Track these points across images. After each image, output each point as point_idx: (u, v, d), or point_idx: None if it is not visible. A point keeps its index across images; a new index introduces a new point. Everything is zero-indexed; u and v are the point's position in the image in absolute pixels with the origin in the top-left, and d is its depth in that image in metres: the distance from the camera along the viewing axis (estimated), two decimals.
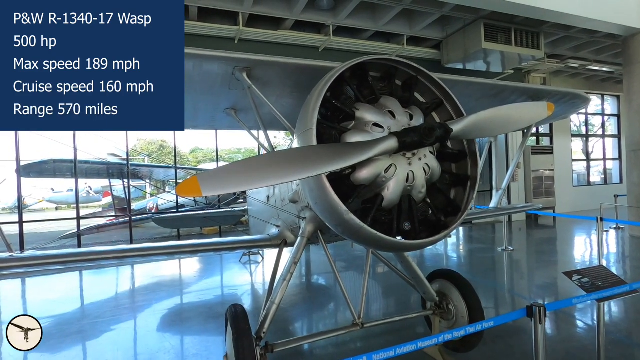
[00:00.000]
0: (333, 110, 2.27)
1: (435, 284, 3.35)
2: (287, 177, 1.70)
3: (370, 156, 1.89)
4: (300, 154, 1.79)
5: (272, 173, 1.66)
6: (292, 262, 2.74)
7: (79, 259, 2.78)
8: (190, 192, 1.51)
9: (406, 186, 2.15)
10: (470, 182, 2.48)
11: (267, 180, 1.64)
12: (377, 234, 1.99)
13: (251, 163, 1.69)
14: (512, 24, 8.01)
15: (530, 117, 2.56)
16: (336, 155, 1.83)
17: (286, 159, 1.73)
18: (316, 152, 1.82)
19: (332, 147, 1.94)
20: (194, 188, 1.49)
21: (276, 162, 1.71)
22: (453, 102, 2.53)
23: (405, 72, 2.55)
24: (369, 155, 1.88)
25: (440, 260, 7.52)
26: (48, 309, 5.00)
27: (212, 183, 1.54)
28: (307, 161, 1.74)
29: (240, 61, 2.84)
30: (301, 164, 1.72)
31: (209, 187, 1.53)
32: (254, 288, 6.09)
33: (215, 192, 1.57)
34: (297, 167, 1.71)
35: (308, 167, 1.73)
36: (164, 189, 16.53)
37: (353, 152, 1.87)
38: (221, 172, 1.60)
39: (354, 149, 1.89)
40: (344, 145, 2.04)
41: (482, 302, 3.09)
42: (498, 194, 4.80)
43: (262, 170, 1.65)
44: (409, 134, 2.00)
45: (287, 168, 1.69)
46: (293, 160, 1.73)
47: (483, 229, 10.47)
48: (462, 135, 2.22)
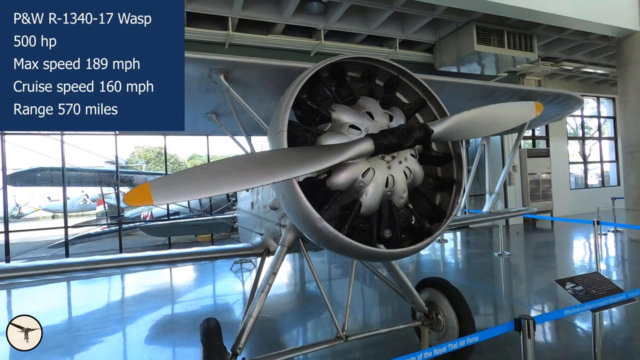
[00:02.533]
0: (309, 112, 2.16)
1: (424, 293, 3.22)
2: (252, 183, 1.57)
3: (343, 160, 1.77)
4: (267, 158, 1.67)
5: (235, 178, 1.53)
6: (270, 273, 2.61)
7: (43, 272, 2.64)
8: (140, 200, 1.38)
9: (386, 191, 2.03)
10: (455, 187, 2.36)
11: (229, 186, 1.51)
12: (352, 243, 1.87)
13: (212, 168, 1.56)
14: (504, 27, 7.96)
15: (518, 117, 2.44)
16: (306, 158, 1.71)
17: (251, 163, 1.60)
18: (284, 156, 1.70)
19: (302, 150, 1.82)
20: (144, 196, 1.37)
21: (240, 166, 1.58)
22: (437, 103, 2.43)
23: (386, 72, 2.44)
24: (341, 158, 1.76)
25: (436, 266, 7.38)
26: None
27: (166, 190, 1.41)
28: (274, 165, 1.62)
29: (216, 63, 2.73)
30: (267, 168, 1.60)
31: (163, 194, 1.40)
32: (244, 297, 5.93)
33: (169, 200, 1.44)
34: (263, 171, 1.58)
35: (275, 172, 1.60)
36: None
37: (325, 155, 1.74)
38: (177, 178, 1.47)
39: (326, 152, 1.77)
40: (315, 148, 1.92)
41: (476, 309, 2.95)
42: (491, 198, 4.68)
43: (224, 176, 1.53)
44: (386, 136, 1.88)
45: (251, 173, 1.57)
46: (259, 164, 1.61)
47: (480, 233, 10.33)
48: (444, 136, 2.11)
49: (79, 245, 11.98)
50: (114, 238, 11.87)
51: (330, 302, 2.75)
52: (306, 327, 4.44)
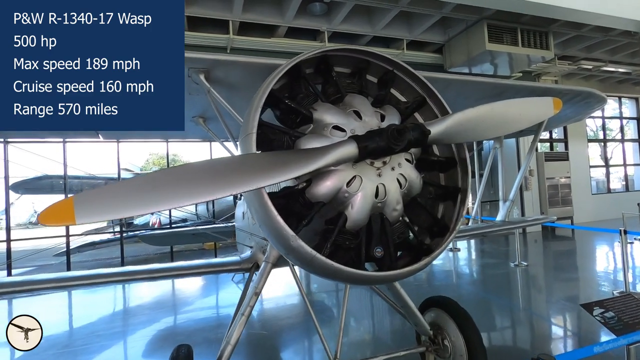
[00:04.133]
0: (288, 112, 1.88)
1: (429, 314, 2.87)
2: (205, 195, 1.30)
3: (320, 167, 1.48)
4: (227, 165, 1.40)
5: (183, 190, 1.26)
6: (252, 293, 2.33)
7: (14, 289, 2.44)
8: (59, 218, 1.12)
9: (376, 202, 1.73)
10: (460, 196, 2.04)
11: (174, 199, 1.25)
12: (333, 265, 1.57)
13: (154, 179, 1.30)
14: (517, 24, 7.57)
15: (533, 115, 2.11)
16: (274, 165, 1.43)
17: (205, 172, 1.33)
18: (248, 163, 1.43)
19: (270, 156, 1.54)
20: (64, 213, 1.11)
21: (190, 176, 1.32)
22: (438, 101, 2.12)
23: (379, 66, 2.15)
24: (317, 165, 1.48)
25: (448, 276, 6.97)
26: None
27: (94, 206, 1.16)
28: (235, 174, 1.35)
29: (194, 61, 2.51)
30: (226, 177, 1.33)
31: (89, 211, 1.14)
32: None
33: (97, 218, 1.18)
34: (220, 182, 1.31)
35: (235, 182, 1.33)
36: None
37: (297, 161, 1.46)
38: (108, 191, 1.22)
39: (299, 158, 1.49)
40: (286, 153, 1.64)
41: (489, 332, 2.59)
42: (505, 206, 4.31)
43: (169, 188, 1.26)
44: (372, 138, 1.59)
45: (205, 184, 1.30)
46: (215, 173, 1.34)
47: (495, 241, 9.81)
48: (444, 138, 1.80)
49: (88, 252, 11.95)
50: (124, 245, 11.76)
51: (328, 320, 2.44)
52: (303, 348, 4.12)
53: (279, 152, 1.66)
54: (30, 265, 12.14)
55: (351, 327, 4.29)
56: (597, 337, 3.52)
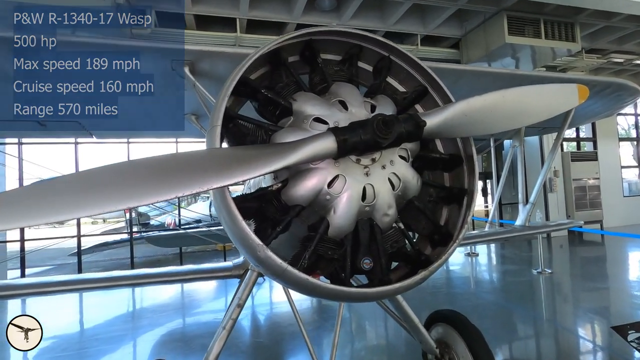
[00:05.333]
0: (266, 104, 1.66)
1: (436, 330, 2.59)
2: (147, 197, 1.09)
3: (288, 164, 1.25)
4: (174, 163, 1.18)
5: (121, 191, 1.06)
6: (235, 306, 2.11)
7: None
8: None
9: (363, 206, 1.49)
10: (467, 199, 1.76)
11: (110, 201, 1.04)
12: (307, 280, 1.34)
13: (87, 177, 1.10)
14: (540, 14, 7.10)
15: (553, 104, 1.80)
16: (235, 162, 1.21)
17: (147, 170, 1.13)
18: (200, 160, 1.21)
19: (230, 152, 1.33)
20: None
21: (131, 174, 1.11)
22: (442, 92, 1.85)
23: (374, 52, 1.91)
24: (286, 162, 1.25)
25: (465, 284, 6.59)
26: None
27: (11, 211, 0.97)
28: (183, 173, 1.14)
29: (176, 53, 2.34)
30: (172, 176, 1.12)
31: (5, 217, 0.96)
32: (250, 315, 5.47)
33: (10, 225, 0.99)
34: (165, 181, 1.11)
35: (184, 182, 1.12)
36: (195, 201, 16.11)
37: (262, 158, 1.24)
38: (30, 192, 1.02)
39: (266, 154, 1.27)
40: (250, 148, 1.42)
41: (509, 340, 2.27)
42: (526, 209, 3.94)
43: (105, 188, 1.06)
44: (354, 130, 1.35)
45: (145, 183, 1.09)
46: (159, 171, 1.13)
47: (516, 246, 9.28)
48: (445, 131, 1.54)
49: (106, 252, 12.11)
50: (138, 245, 11.86)
51: (331, 328, 2.19)
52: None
53: (241, 148, 1.44)
54: (49, 265, 12.47)
55: (350, 340, 4.03)
56: (631, 357, 3.13)
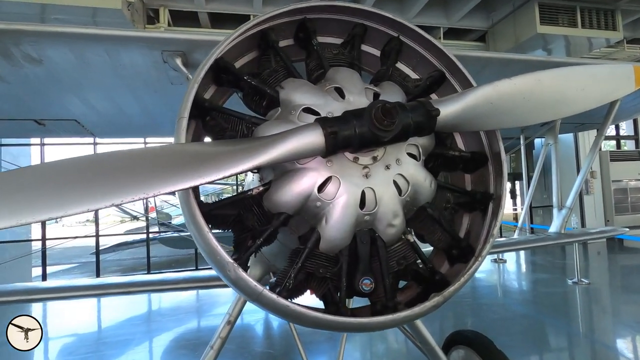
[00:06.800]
0: (251, 93, 1.42)
1: (457, 352, 2.27)
2: (77, 205, 0.86)
3: (261, 163, 1.00)
4: (120, 160, 0.95)
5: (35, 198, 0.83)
6: (225, 323, 1.88)
7: None
8: None
9: (361, 215, 1.22)
10: (492, 206, 1.46)
11: (30, 211, 0.82)
12: (287, 307, 1.08)
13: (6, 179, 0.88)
14: (576, 1, 6.54)
15: (602, 90, 1.46)
16: (191, 162, 0.98)
17: (75, 170, 0.90)
18: (156, 157, 0.98)
19: (190, 149, 1.08)
20: None
21: (61, 174, 0.89)
22: (462, 77, 1.55)
23: (382, 32, 1.63)
24: (258, 161, 0.99)
25: (492, 293, 6.13)
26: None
27: None
28: (126, 173, 0.91)
29: (168, 43, 2.16)
30: (109, 178, 0.89)
31: None
32: (263, 321, 5.26)
33: None
34: (98, 184, 0.88)
35: (127, 185, 0.89)
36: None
37: (229, 156, 0.99)
38: None
39: (235, 150, 1.02)
40: (219, 144, 1.18)
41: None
42: (561, 215, 3.53)
43: (26, 193, 0.84)
44: (347, 121, 1.08)
45: (75, 187, 0.86)
46: (95, 170, 0.90)
47: (549, 252, 8.64)
48: (463, 122, 1.24)
49: (129, 251, 12.32)
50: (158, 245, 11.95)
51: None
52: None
53: (206, 144, 1.21)
54: (74, 262, 12.83)
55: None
56: None
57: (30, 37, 1.87)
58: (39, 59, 2.05)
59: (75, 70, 2.25)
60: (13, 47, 1.94)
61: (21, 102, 2.59)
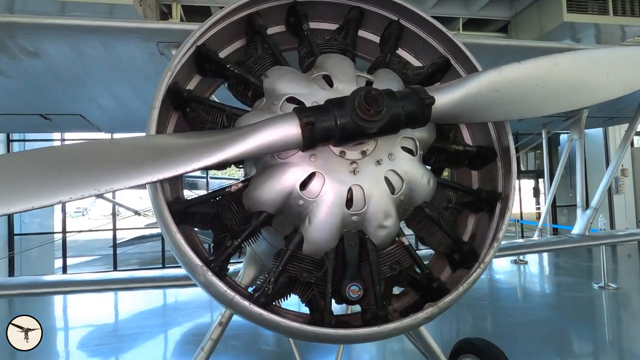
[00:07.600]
0: (235, 83, 1.33)
1: None
2: (30, 200, 0.79)
3: (229, 158, 0.90)
4: (70, 154, 0.87)
5: None
6: (217, 324, 1.81)
7: None
8: None
9: (348, 214, 1.10)
10: (500, 206, 1.31)
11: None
12: (261, 315, 0.98)
13: None
14: None
15: (629, 76, 1.28)
16: (160, 154, 0.89)
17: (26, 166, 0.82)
18: (113, 150, 0.90)
19: (154, 141, 1.00)
20: None
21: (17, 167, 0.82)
22: (469, 64, 1.40)
23: (380, 16, 1.50)
24: (226, 155, 0.90)
25: (512, 295, 5.87)
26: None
27: None
28: (78, 169, 0.83)
29: (163, 33, 2.10)
30: (62, 173, 0.82)
31: None
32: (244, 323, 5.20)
33: None
34: (51, 179, 0.80)
35: (79, 180, 0.81)
36: None
37: (194, 149, 0.90)
38: None
39: (201, 144, 0.93)
40: (185, 136, 1.09)
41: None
42: (586, 216, 3.29)
43: None
44: (326, 111, 0.96)
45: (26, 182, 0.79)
46: (47, 166, 0.83)
47: (573, 254, 8.22)
48: (464, 112, 1.11)
49: (149, 244, 12.60)
50: None
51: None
52: None
53: (172, 136, 1.13)
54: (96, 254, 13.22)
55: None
56: None
57: (24, 29, 1.85)
58: (36, 52, 2.03)
59: (74, 64, 2.23)
60: (9, 40, 1.92)
61: (26, 97, 2.61)
